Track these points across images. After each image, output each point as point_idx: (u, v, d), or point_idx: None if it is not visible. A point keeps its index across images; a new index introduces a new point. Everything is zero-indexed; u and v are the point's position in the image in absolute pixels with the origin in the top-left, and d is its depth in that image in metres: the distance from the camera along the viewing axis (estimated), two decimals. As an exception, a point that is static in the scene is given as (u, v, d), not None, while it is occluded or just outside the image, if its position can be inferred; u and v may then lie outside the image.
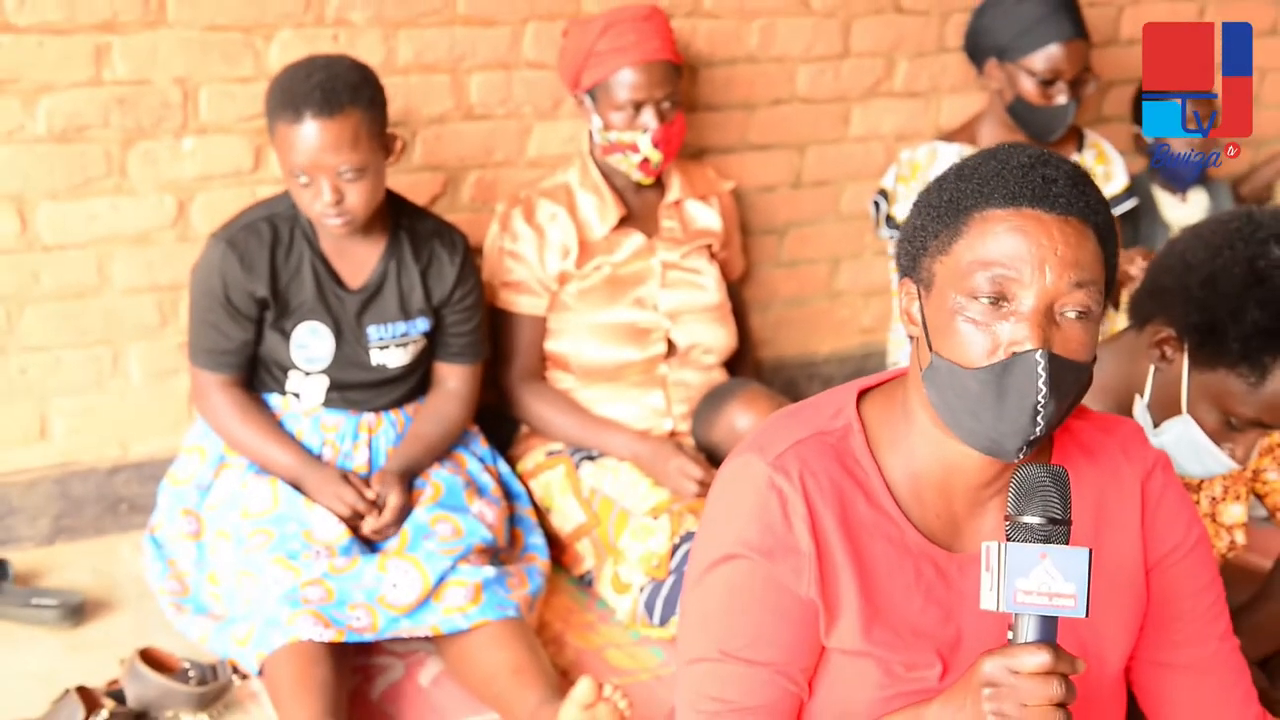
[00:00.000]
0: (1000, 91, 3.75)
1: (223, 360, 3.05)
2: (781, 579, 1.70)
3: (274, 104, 2.92)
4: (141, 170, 3.24)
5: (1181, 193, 4.18)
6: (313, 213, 2.94)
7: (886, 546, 1.73)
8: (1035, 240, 1.60)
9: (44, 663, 2.89)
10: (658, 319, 3.45)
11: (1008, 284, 1.60)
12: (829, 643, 1.72)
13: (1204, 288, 2.14)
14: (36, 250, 3.19)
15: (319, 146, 2.86)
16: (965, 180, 1.67)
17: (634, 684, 2.90)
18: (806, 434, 1.75)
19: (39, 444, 3.32)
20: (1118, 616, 1.80)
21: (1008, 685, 1.52)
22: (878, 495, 1.73)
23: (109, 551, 3.32)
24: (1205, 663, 1.85)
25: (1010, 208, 1.62)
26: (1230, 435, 2.23)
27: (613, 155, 3.39)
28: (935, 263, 1.67)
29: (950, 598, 1.73)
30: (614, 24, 3.31)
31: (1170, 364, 2.23)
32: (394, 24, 3.39)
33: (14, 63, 3.06)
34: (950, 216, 1.66)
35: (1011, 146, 1.70)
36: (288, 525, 2.93)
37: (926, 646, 1.72)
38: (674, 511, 3.15)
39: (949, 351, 1.64)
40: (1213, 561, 1.88)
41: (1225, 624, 1.88)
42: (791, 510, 1.70)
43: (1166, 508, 1.82)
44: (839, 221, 4.13)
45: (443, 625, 2.85)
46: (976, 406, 1.62)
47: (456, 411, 3.22)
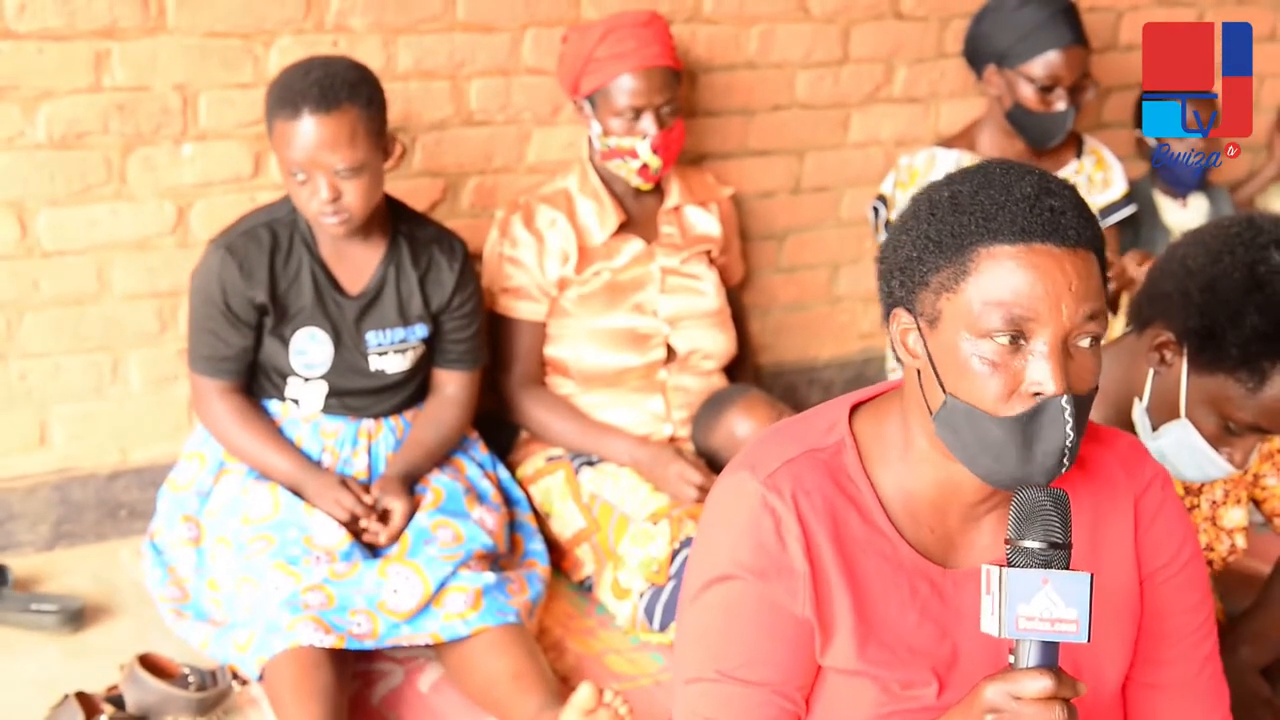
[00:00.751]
0: (999, 98, 3.75)
1: (222, 366, 3.04)
2: (776, 599, 1.69)
3: (272, 101, 2.92)
4: (141, 176, 3.23)
5: (1182, 197, 4.18)
6: (310, 211, 2.93)
7: (880, 563, 1.71)
8: (1050, 278, 1.56)
9: (43, 668, 2.88)
10: (657, 324, 3.44)
11: (1024, 324, 1.57)
12: (824, 662, 1.71)
13: (1204, 292, 2.14)
14: (36, 257, 3.19)
15: (316, 143, 2.85)
16: (965, 213, 1.61)
17: (634, 689, 2.89)
18: (799, 451, 1.73)
19: (39, 450, 3.31)
20: (1115, 634, 1.78)
21: (1010, 711, 1.51)
22: (871, 512, 1.71)
23: (109, 557, 3.32)
24: (1188, 684, 1.83)
25: (1020, 244, 1.57)
26: (1228, 440, 2.22)
27: (612, 161, 3.38)
28: (940, 300, 1.62)
29: (946, 614, 1.71)
30: (613, 30, 3.30)
31: (1169, 368, 2.23)
32: (394, 30, 3.38)
33: (14, 69, 3.06)
34: (953, 252, 1.61)
35: (1008, 172, 1.64)
36: (288, 531, 2.92)
37: (922, 664, 1.70)
38: (674, 517, 3.14)
39: (966, 394, 1.60)
40: (1204, 581, 1.86)
41: (1211, 646, 1.86)
42: (785, 530, 1.68)
43: (1161, 524, 1.80)
44: (838, 227, 4.12)
45: (443, 631, 2.84)
46: (1000, 451, 1.60)
47: (455, 417, 3.21)
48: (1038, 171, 1.64)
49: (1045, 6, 3.66)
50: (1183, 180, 4.14)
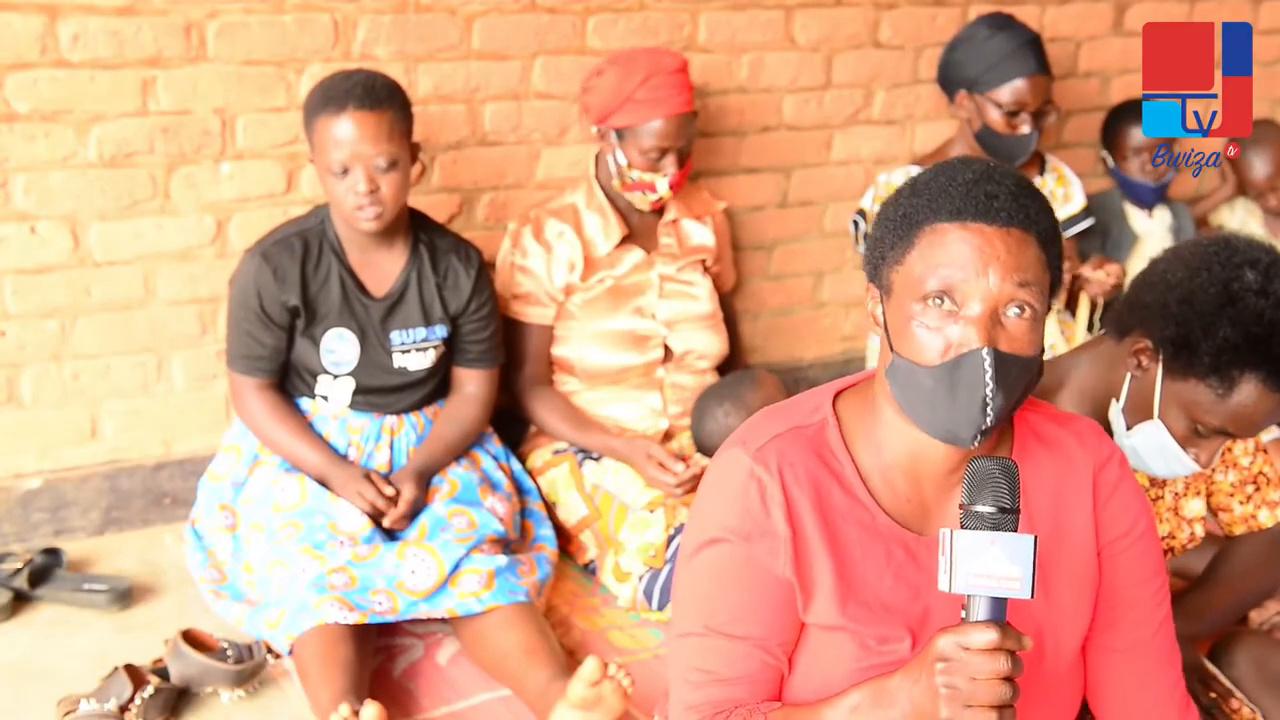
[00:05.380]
0: (969, 120, 3.76)
1: (257, 365, 3.06)
2: (760, 560, 1.72)
3: (315, 104, 2.95)
4: (183, 193, 3.25)
5: (1147, 209, 4.21)
6: (347, 207, 2.95)
7: (859, 531, 1.74)
8: (979, 250, 1.63)
9: (95, 643, 2.90)
10: (656, 327, 3.47)
11: (954, 289, 1.63)
12: (807, 618, 1.74)
13: (1181, 304, 2.15)
14: (88, 266, 3.21)
15: (359, 136, 2.90)
16: (917, 196, 1.70)
17: (635, 662, 2.90)
18: (785, 428, 1.77)
19: (90, 443, 3.33)
20: (1074, 599, 1.80)
21: (959, 660, 1.52)
22: (851, 484, 1.75)
23: (154, 541, 3.33)
24: (1140, 646, 1.86)
25: (956, 221, 1.65)
26: (1196, 441, 2.24)
27: (632, 193, 3.39)
28: (893, 271, 1.70)
29: (919, 577, 1.74)
30: (654, 75, 3.29)
31: (1146, 372, 2.25)
32: (414, 58, 3.40)
33: (68, 95, 3.08)
34: (904, 229, 1.69)
35: (960, 162, 1.72)
36: (315, 518, 2.94)
37: (897, 622, 1.73)
38: (668, 505, 3.15)
39: (907, 352, 1.67)
40: (1159, 555, 1.88)
41: (1165, 614, 1.88)
42: (769, 497, 1.72)
43: (1119, 498, 1.83)
44: (822, 238, 4.13)
45: (458, 608, 2.85)
46: (932, 400, 1.65)
47: (474, 414, 3.23)
48: (987, 164, 1.71)
49: (1013, 38, 3.67)
50: (1142, 198, 4.18)
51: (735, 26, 3.78)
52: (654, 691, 2.61)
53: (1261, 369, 2.11)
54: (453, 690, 2.82)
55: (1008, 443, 1.81)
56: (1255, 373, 2.11)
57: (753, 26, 3.81)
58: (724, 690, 1.75)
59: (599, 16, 3.59)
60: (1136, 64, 4.38)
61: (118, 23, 3.09)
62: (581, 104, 3.45)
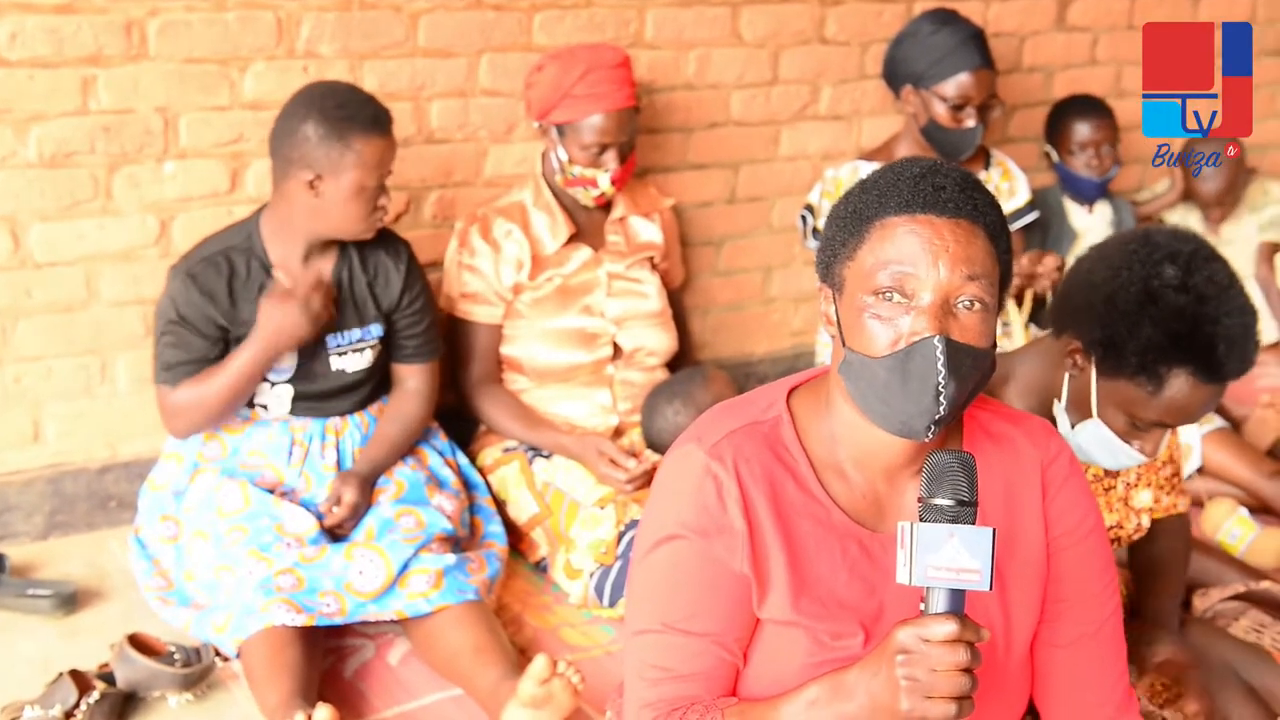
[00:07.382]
0: (915, 115, 3.76)
1: (183, 370, 2.97)
2: (717, 556, 1.71)
3: (340, 128, 2.85)
4: (126, 192, 3.20)
5: (1088, 204, 4.21)
6: (365, 224, 2.95)
7: (814, 526, 1.73)
8: (929, 242, 1.62)
9: (39, 648, 2.86)
10: (604, 325, 3.44)
11: (906, 280, 1.63)
12: (761, 614, 1.73)
13: (1105, 305, 2.15)
14: (29, 268, 3.16)
15: (389, 157, 2.95)
16: (866, 193, 1.70)
17: (586, 659, 2.90)
18: (740, 424, 1.76)
19: (33, 446, 3.28)
20: (1025, 593, 1.80)
21: (919, 652, 1.52)
22: (805, 480, 1.74)
23: (99, 545, 3.29)
24: (1084, 641, 1.85)
25: (905, 214, 1.64)
26: (1137, 434, 2.24)
27: (574, 188, 3.37)
28: (844, 267, 1.69)
29: (874, 573, 1.73)
30: (593, 69, 3.27)
31: (1081, 372, 2.24)
32: (359, 55, 3.37)
33: (6, 94, 3.03)
34: (855, 225, 1.69)
35: (907, 160, 1.72)
36: (260, 520, 2.90)
37: (851, 618, 1.72)
38: (619, 501, 3.14)
39: (859, 345, 1.66)
40: (1107, 553, 1.88)
41: (1113, 609, 1.88)
42: (726, 493, 1.70)
43: (1066, 494, 1.83)
44: (770, 234, 4.13)
45: (407, 609, 2.83)
46: (885, 392, 1.64)
47: (417, 409, 3.19)
48: (933, 161, 1.71)
49: (956, 33, 3.67)
50: (1085, 192, 4.19)
51: (682, 23, 3.77)
52: (605, 688, 2.61)
53: (1188, 364, 2.10)
54: (404, 690, 2.80)
55: (957, 440, 1.80)
56: (1183, 368, 2.11)
57: (699, 23, 3.79)
58: (680, 687, 1.74)
59: (545, 13, 3.57)
60: (1079, 59, 4.44)
61: (56, 21, 3.04)
62: (525, 100, 3.43)
